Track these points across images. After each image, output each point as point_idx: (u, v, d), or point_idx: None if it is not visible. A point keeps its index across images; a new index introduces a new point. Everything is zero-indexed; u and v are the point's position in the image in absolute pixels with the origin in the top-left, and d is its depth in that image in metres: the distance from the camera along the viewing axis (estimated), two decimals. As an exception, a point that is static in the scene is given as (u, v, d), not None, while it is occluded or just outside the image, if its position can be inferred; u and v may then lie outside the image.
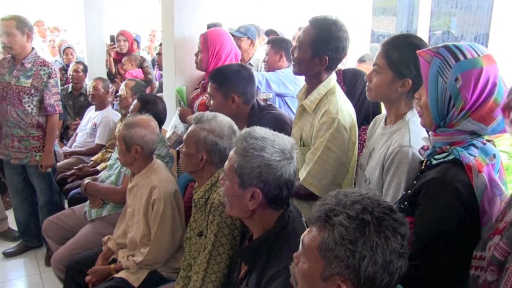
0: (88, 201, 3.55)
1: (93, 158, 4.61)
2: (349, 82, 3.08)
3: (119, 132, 2.99)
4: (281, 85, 3.85)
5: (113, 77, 6.31)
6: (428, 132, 1.79)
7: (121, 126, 3.03)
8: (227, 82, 2.84)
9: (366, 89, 2.08)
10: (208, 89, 2.92)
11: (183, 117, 3.56)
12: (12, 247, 4.48)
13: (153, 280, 2.82)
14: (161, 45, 5.09)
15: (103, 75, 5.88)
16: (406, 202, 1.68)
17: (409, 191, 1.71)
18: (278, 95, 3.95)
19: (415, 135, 1.89)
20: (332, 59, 2.38)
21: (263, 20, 7.54)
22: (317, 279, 1.32)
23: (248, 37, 4.63)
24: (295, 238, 1.50)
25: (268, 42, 4.21)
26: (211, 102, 2.90)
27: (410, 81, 1.92)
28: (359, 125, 2.63)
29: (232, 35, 4.05)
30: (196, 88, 3.83)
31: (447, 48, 1.58)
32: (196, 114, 2.47)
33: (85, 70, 5.98)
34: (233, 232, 2.25)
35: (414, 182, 1.74)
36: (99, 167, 4.31)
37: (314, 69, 2.41)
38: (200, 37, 3.55)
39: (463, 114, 1.58)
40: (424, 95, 1.66)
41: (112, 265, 2.93)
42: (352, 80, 3.09)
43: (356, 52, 5.46)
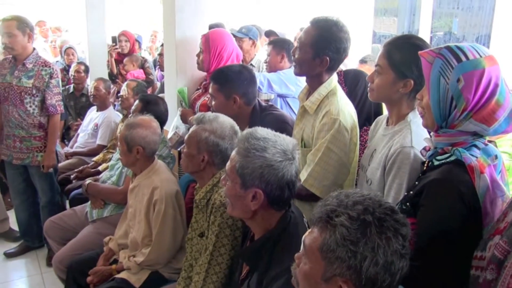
0: (90, 202, 3.55)
1: (95, 159, 4.61)
2: (351, 83, 3.07)
3: (121, 133, 2.99)
4: (283, 86, 3.85)
5: (115, 78, 6.31)
6: (430, 133, 1.78)
7: (123, 127, 3.03)
8: (229, 83, 2.83)
9: (368, 90, 2.08)
10: (210, 90, 2.92)
11: (185, 118, 3.56)
12: (13, 248, 4.48)
13: (155, 281, 2.82)
14: (163, 46, 5.09)
15: (105, 76, 5.88)
16: (408, 203, 1.68)
17: (411, 192, 1.71)
18: (280, 96, 3.95)
19: (417, 136, 1.89)
20: (333, 60, 2.37)
21: (265, 21, 7.54)
22: (319, 280, 1.32)
23: (250, 38, 4.63)
24: (297, 239, 1.50)
25: (270, 43, 4.21)
26: (213, 103, 2.89)
27: (412, 82, 1.92)
28: (361, 126, 2.63)
29: (234, 36, 4.05)
30: (198, 89, 3.83)
31: (449, 49, 1.58)
32: (198, 115, 2.47)
33: (87, 71, 5.98)
34: (235, 233, 2.24)
35: (416, 183, 1.74)
36: (101, 168, 4.30)
37: (315, 70, 2.40)
38: (202, 38, 3.55)
39: (465, 115, 1.58)
40: (426, 96, 1.66)
41: (114, 266, 2.93)
42: (354, 81, 3.08)
43: (358, 53, 5.46)
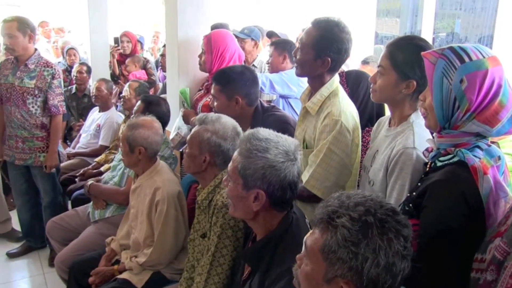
0: (92, 202, 3.55)
1: (97, 159, 4.61)
2: (353, 84, 3.07)
3: (123, 133, 3.00)
4: (285, 87, 3.84)
5: (117, 79, 6.31)
6: (433, 134, 1.78)
7: (125, 127, 3.03)
8: (231, 84, 2.83)
9: (371, 91, 2.08)
10: (212, 91, 2.92)
11: (187, 119, 3.56)
12: (16, 248, 4.49)
13: (156, 281, 2.82)
14: (165, 46, 5.09)
15: (107, 77, 5.89)
16: (411, 204, 1.68)
17: (414, 193, 1.71)
18: (282, 97, 3.95)
19: (419, 137, 1.89)
20: (335, 61, 2.37)
21: (267, 22, 7.53)
22: (320, 281, 1.32)
23: (252, 39, 4.63)
24: (299, 240, 1.50)
25: (272, 44, 4.22)
26: (215, 104, 2.90)
27: (415, 83, 1.91)
28: (363, 127, 2.62)
29: (236, 37, 4.05)
30: (200, 90, 3.83)
31: (452, 50, 1.58)
32: (200, 115, 2.47)
33: (89, 71, 5.99)
34: (236, 234, 2.24)
35: (419, 184, 1.73)
36: (103, 168, 4.31)
37: (317, 71, 2.40)
38: (204, 39, 3.55)
39: (468, 116, 1.58)
40: (429, 97, 1.65)
41: (115, 266, 2.94)
42: (356, 82, 3.08)
43: (360, 54, 5.46)
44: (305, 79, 2.57)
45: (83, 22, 6.53)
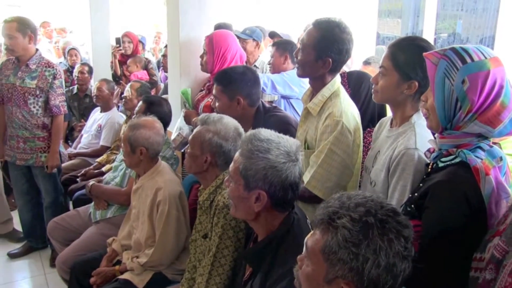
0: (93, 203, 3.55)
1: (98, 160, 4.61)
2: (354, 85, 3.07)
3: (124, 134, 3.00)
4: (287, 87, 3.84)
5: (118, 79, 6.31)
6: (434, 135, 1.78)
7: (126, 128, 3.03)
8: (232, 84, 2.83)
9: (372, 92, 2.07)
10: (213, 91, 2.92)
11: (188, 119, 3.56)
12: (17, 248, 4.49)
13: (158, 282, 2.82)
14: (166, 47, 5.09)
15: (109, 77, 5.89)
16: (413, 205, 1.68)
17: (416, 194, 1.70)
18: (284, 97, 3.95)
19: (421, 138, 1.89)
20: (336, 61, 2.36)
21: (269, 22, 7.53)
22: (321, 282, 1.32)
23: (254, 39, 4.62)
24: (300, 240, 1.49)
25: (273, 45, 4.21)
26: (216, 104, 2.89)
27: (417, 84, 1.91)
28: (364, 128, 2.62)
29: (238, 37, 4.05)
30: (201, 90, 3.83)
31: (454, 51, 1.58)
32: (202, 116, 2.47)
33: (91, 72, 5.99)
34: (238, 234, 2.24)
35: (420, 185, 1.73)
36: (104, 169, 4.31)
37: (318, 72, 2.40)
38: (206, 39, 3.55)
39: (470, 117, 1.57)
40: (431, 98, 1.65)
41: (117, 267, 2.94)
42: (357, 83, 3.08)
43: (362, 55, 5.45)
44: (307, 80, 2.57)
45: (85, 23, 6.54)
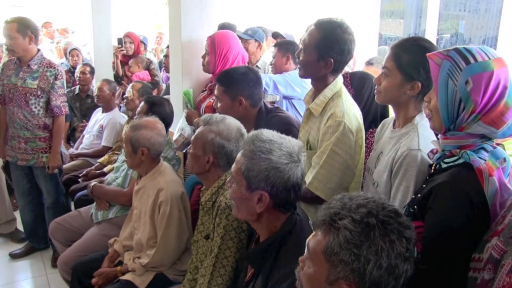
0: (95, 203, 3.55)
1: (100, 160, 4.61)
2: (357, 85, 3.06)
3: (126, 134, 2.99)
4: (288, 88, 3.84)
5: (120, 79, 6.31)
6: (437, 136, 1.77)
7: (128, 128, 3.03)
8: (234, 85, 2.83)
9: (375, 92, 2.07)
10: (215, 92, 2.92)
11: (190, 120, 3.56)
12: (19, 249, 4.49)
13: (159, 283, 2.81)
14: (168, 47, 5.09)
15: (110, 77, 5.88)
16: (416, 206, 1.67)
17: (419, 195, 1.70)
18: (285, 98, 3.95)
19: (424, 139, 1.88)
20: (338, 62, 2.36)
21: (271, 23, 7.53)
22: (323, 283, 1.32)
23: (256, 40, 4.63)
24: (302, 241, 1.49)
25: (275, 45, 4.21)
26: (218, 105, 2.89)
27: (419, 84, 1.90)
28: (367, 128, 2.61)
29: (240, 38, 4.04)
30: (203, 91, 3.83)
31: (458, 51, 1.57)
32: (205, 116, 2.47)
33: (92, 72, 5.98)
34: (240, 235, 2.24)
35: (423, 186, 1.72)
36: (106, 169, 4.31)
37: (320, 72, 2.39)
38: (207, 40, 3.55)
39: (473, 117, 1.56)
40: (434, 98, 1.65)
41: (118, 268, 2.93)
42: (360, 83, 3.07)
43: (364, 55, 5.44)
44: (309, 80, 2.56)
45: (87, 23, 6.54)
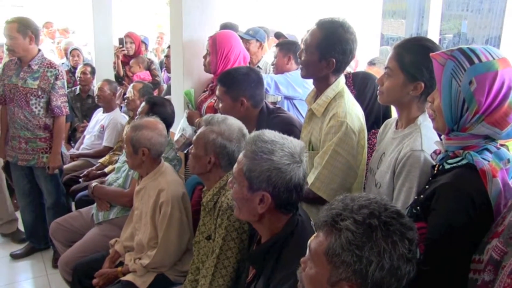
0: (95, 204, 3.55)
1: (101, 161, 4.60)
2: (359, 86, 3.05)
3: (126, 135, 2.99)
4: (290, 88, 3.83)
5: (121, 80, 6.30)
6: (440, 136, 1.76)
7: (128, 129, 3.02)
8: (236, 85, 2.82)
9: (378, 93, 2.06)
10: (217, 92, 2.91)
11: (191, 120, 3.55)
12: (19, 249, 4.48)
13: (160, 284, 2.81)
14: (169, 47, 5.09)
15: (111, 78, 5.88)
16: (418, 207, 1.66)
17: (421, 196, 1.69)
18: (287, 98, 3.94)
19: (427, 139, 1.87)
20: (340, 62, 2.35)
21: (272, 23, 7.53)
22: (324, 284, 1.32)
23: (257, 40, 4.62)
24: (304, 242, 1.48)
25: (277, 45, 4.21)
26: (220, 105, 2.88)
27: (423, 85, 1.90)
28: (369, 129, 2.60)
29: (241, 38, 4.04)
30: (205, 91, 3.82)
31: (462, 51, 1.56)
32: (207, 116, 2.46)
33: (93, 72, 5.97)
34: (241, 236, 2.23)
35: (426, 187, 1.72)
36: (107, 170, 4.30)
37: (322, 72, 2.38)
38: (209, 40, 3.54)
39: (477, 118, 1.56)
40: (437, 98, 1.64)
41: (119, 268, 2.92)
42: (362, 84, 3.06)
43: (366, 56, 5.44)
44: (310, 81, 2.56)
45: (88, 23, 6.53)
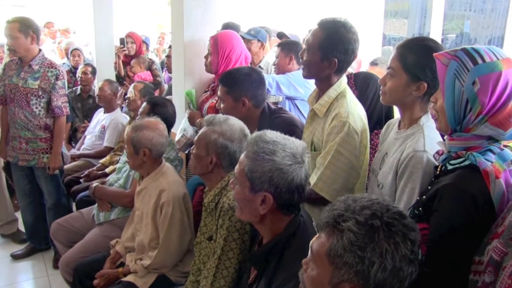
0: (96, 204, 3.54)
1: (102, 161, 4.60)
2: (361, 86, 3.04)
3: (127, 135, 2.99)
4: (291, 88, 3.83)
5: (122, 80, 6.29)
6: (443, 137, 1.75)
7: (129, 129, 3.02)
8: (238, 85, 2.81)
9: (380, 93, 2.05)
10: (218, 92, 2.90)
11: (192, 120, 3.55)
12: (20, 250, 4.48)
13: (161, 284, 2.81)
14: (170, 47, 5.08)
15: (112, 78, 5.87)
16: (421, 208, 1.66)
17: (424, 197, 1.68)
18: (288, 98, 3.93)
19: (430, 140, 1.86)
20: (342, 62, 2.34)
21: (274, 23, 7.53)
22: (326, 286, 1.32)
23: (258, 40, 4.61)
24: (306, 243, 1.48)
25: (278, 45, 4.20)
26: (221, 106, 2.88)
27: (425, 85, 1.89)
28: (371, 130, 2.60)
29: (242, 38, 4.03)
30: (206, 91, 3.82)
31: (465, 51, 1.55)
32: (208, 116, 2.46)
33: (94, 72, 5.97)
34: (243, 237, 2.22)
35: (429, 188, 1.71)
36: (107, 170, 4.30)
37: (324, 72, 2.38)
38: (210, 40, 3.53)
39: (480, 119, 1.55)
40: (440, 99, 1.63)
41: (120, 269, 2.92)
42: (364, 84, 3.06)
43: (368, 56, 5.43)
44: (312, 81, 2.55)
45: (89, 23, 6.52)
